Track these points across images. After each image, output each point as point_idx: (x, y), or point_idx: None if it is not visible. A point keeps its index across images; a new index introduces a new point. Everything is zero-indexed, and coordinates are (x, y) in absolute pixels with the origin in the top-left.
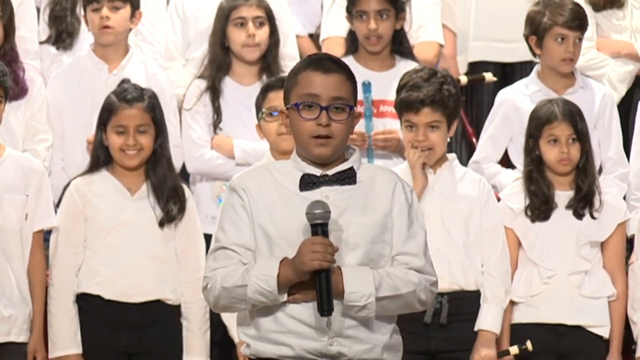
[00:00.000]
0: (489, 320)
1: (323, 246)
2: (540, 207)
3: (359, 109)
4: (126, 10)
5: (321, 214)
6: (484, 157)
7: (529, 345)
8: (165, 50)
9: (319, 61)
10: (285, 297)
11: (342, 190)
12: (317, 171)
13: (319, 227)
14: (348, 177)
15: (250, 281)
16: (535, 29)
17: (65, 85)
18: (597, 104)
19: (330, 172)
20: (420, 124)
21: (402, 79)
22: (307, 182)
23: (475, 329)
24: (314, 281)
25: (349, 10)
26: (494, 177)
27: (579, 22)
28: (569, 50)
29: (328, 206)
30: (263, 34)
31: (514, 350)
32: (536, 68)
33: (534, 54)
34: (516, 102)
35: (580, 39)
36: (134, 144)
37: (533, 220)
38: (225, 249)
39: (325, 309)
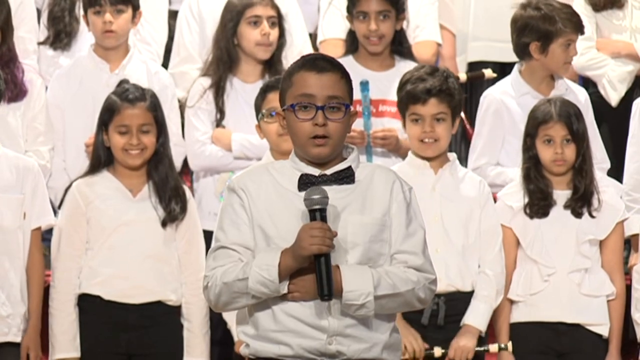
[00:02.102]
0: (474, 317)
1: (322, 231)
2: (539, 203)
3: (357, 107)
4: (128, 13)
5: (319, 199)
6: (485, 162)
7: (509, 346)
8: (180, 51)
9: (312, 61)
10: (285, 289)
11: (341, 189)
12: (315, 171)
13: (317, 212)
14: (346, 177)
15: (252, 272)
16: (541, 35)
17: (67, 85)
18: (579, 106)
19: (329, 171)
20: (426, 115)
21: (403, 77)
22: (306, 182)
23: (461, 323)
24: (314, 266)
25: (349, 10)
26: (499, 176)
27: (583, 27)
28: (573, 54)
29: (326, 192)
30: (275, 33)
31: (494, 348)
32: (517, 68)
33: (521, 58)
34: (504, 102)
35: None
36: (138, 143)
37: (532, 217)
38: (225, 248)
39: (325, 293)
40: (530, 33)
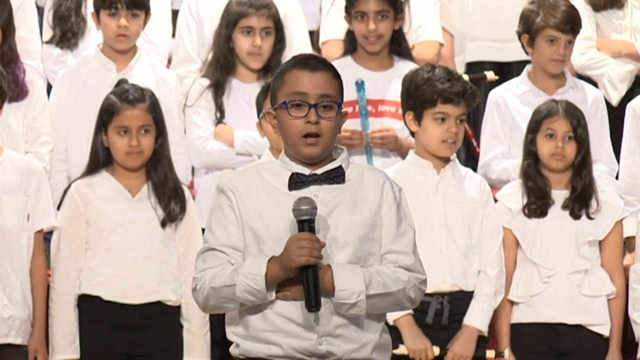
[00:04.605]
0: (474, 317)
1: (310, 242)
2: (537, 203)
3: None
4: (142, 18)
5: (308, 209)
6: (492, 157)
7: (506, 353)
8: (179, 51)
9: (305, 60)
10: (273, 296)
11: (331, 189)
12: (305, 170)
13: (306, 223)
14: (336, 176)
15: (239, 280)
16: (528, 28)
17: (71, 85)
18: (588, 106)
19: (319, 171)
20: (453, 115)
21: (414, 76)
22: (296, 182)
23: (463, 323)
24: (301, 277)
25: (347, 10)
26: (504, 171)
27: (571, 26)
28: (559, 53)
29: (314, 202)
30: (269, 43)
31: (490, 354)
32: (527, 68)
33: (526, 52)
34: (506, 100)
35: (572, 42)
36: (137, 145)
37: (530, 216)
38: (214, 250)
39: (312, 305)
40: (521, 24)
